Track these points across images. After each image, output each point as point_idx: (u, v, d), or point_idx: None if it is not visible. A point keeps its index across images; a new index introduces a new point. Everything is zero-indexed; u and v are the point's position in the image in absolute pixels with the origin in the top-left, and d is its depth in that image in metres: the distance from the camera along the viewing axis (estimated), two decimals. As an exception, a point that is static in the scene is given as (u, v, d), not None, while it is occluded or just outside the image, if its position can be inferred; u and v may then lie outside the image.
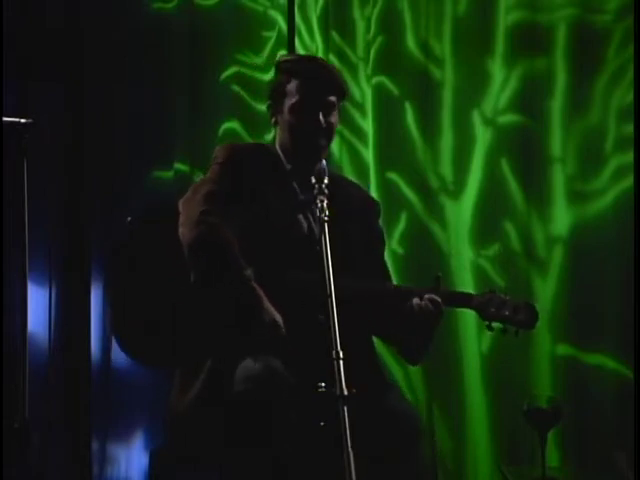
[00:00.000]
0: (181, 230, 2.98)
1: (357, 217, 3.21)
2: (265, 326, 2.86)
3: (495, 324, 3.11)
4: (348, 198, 3.23)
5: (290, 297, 2.97)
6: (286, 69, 3.20)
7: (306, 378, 2.72)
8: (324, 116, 3.13)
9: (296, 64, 3.22)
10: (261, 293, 2.88)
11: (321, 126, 3.12)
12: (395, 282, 4.42)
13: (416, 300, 3.03)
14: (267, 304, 2.88)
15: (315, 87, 3.14)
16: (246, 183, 3.09)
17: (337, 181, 3.25)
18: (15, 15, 4.35)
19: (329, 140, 3.18)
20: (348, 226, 3.11)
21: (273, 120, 3.22)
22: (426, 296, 3.04)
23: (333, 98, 3.16)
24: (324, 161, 3.18)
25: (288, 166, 3.18)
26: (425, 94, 4.64)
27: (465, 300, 3.12)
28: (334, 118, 3.17)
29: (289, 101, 3.15)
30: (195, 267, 2.95)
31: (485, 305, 3.11)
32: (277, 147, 3.22)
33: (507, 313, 3.08)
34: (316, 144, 3.14)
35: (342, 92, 3.21)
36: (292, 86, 3.15)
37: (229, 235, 2.95)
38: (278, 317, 2.87)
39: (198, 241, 2.93)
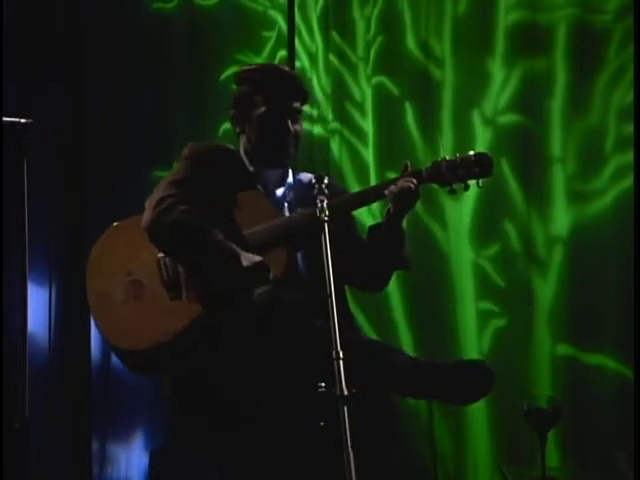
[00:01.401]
0: (143, 219, 3.06)
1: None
2: (250, 269, 2.93)
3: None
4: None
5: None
6: (251, 79, 3.26)
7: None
8: (292, 124, 3.20)
9: (261, 74, 3.28)
10: (234, 246, 2.96)
11: (291, 134, 3.20)
12: (396, 282, 4.44)
13: (391, 187, 3.08)
14: (244, 252, 2.96)
15: (282, 96, 3.20)
16: (209, 177, 3.15)
17: (301, 174, 3.33)
18: (15, 15, 4.35)
19: (297, 147, 3.25)
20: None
21: (238, 129, 3.27)
22: (402, 179, 3.09)
23: (298, 105, 3.23)
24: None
25: (251, 168, 3.24)
26: (425, 94, 4.64)
27: (418, 176, 3.11)
28: (299, 126, 3.24)
29: (257, 111, 3.21)
30: (160, 246, 3.04)
31: (438, 173, 3.11)
32: (241, 152, 3.27)
33: (463, 172, 3.08)
34: (286, 152, 3.21)
35: (305, 98, 3.29)
36: (260, 96, 3.21)
37: (188, 208, 3.01)
38: (259, 257, 2.95)
39: (155, 221, 3.02)
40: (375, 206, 4.53)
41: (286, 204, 3.24)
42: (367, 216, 4.35)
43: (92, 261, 3.22)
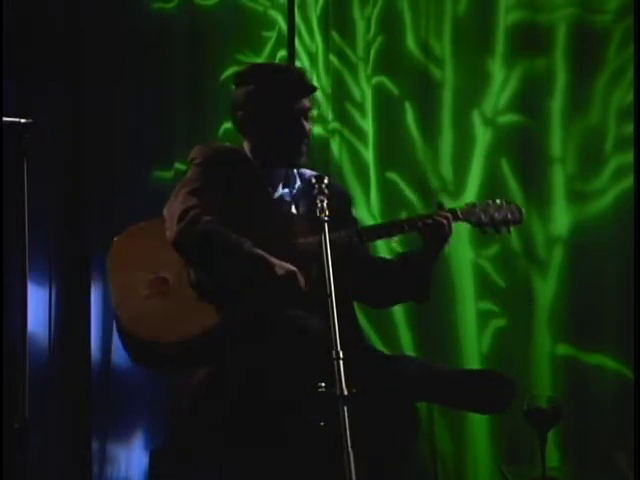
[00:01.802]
0: (167, 233, 3.04)
1: (335, 208, 3.24)
2: (283, 279, 2.93)
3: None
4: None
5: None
6: (257, 79, 3.23)
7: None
8: (305, 122, 3.20)
9: (267, 73, 3.27)
10: (266, 254, 2.95)
11: (305, 134, 3.19)
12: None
13: (426, 220, 3.17)
14: (277, 261, 2.95)
15: (293, 95, 3.18)
16: (223, 181, 3.13)
17: (304, 171, 3.33)
18: (15, 15, 4.35)
19: (308, 145, 3.25)
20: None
21: (245, 130, 3.25)
22: (436, 214, 3.19)
23: (308, 102, 3.22)
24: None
25: (259, 169, 3.22)
26: (425, 94, 4.64)
27: (455, 215, 3.21)
28: (310, 123, 3.23)
29: (270, 112, 3.18)
30: (189, 258, 3.02)
31: (473, 215, 3.24)
32: (247, 152, 3.25)
33: (497, 216, 3.24)
34: (300, 152, 3.20)
35: (312, 93, 3.30)
36: (270, 96, 3.18)
37: (213, 219, 3.00)
38: (293, 267, 2.95)
39: (182, 234, 2.99)
40: (376, 210, 4.55)
41: (293, 202, 3.23)
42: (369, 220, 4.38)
43: (114, 257, 3.20)
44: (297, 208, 3.22)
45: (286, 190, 3.25)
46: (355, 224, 3.37)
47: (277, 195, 3.23)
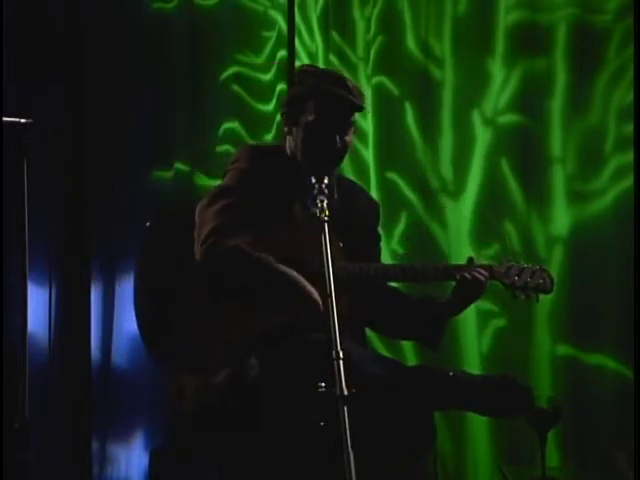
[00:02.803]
0: (195, 245, 3.02)
1: (361, 219, 3.22)
2: (307, 307, 2.91)
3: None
4: (354, 199, 3.26)
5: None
6: (308, 82, 3.19)
7: None
8: (340, 137, 3.14)
9: (320, 81, 3.19)
10: (294, 273, 2.94)
11: (337, 147, 3.14)
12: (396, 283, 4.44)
13: (464, 273, 3.15)
14: (305, 284, 2.92)
15: (336, 109, 3.14)
16: (265, 189, 3.10)
17: (344, 182, 3.32)
18: (15, 15, 4.35)
19: (342, 157, 3.20)
20: (351, 227, 3.14)
21: (287, 129, 3.21)
22: (474, 269, 3.16)
23: (352, 118, 3.18)
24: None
25: (301, 171, 3.15)
26: (425, 94, 4.64)
27: (491, 274, 3.20)
28: (350, 136, 3.18)
29: (307, 117, 3.14)
30: (214, 281, 3.00)
31: (508, 277, 3.21)
32: (289, 151, 3.22)
33: (529, 282, 3.20)
34: (329, 163, 3.15)
35: (361, 110, 3.23)
36: (312, 103, 3.14)
37: (235, 241, 2.97)
38: (317, 296, 2.91)
39: (204, 256, 2.98)
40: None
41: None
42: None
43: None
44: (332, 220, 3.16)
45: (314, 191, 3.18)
46: (378, 241, 3.36)
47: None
